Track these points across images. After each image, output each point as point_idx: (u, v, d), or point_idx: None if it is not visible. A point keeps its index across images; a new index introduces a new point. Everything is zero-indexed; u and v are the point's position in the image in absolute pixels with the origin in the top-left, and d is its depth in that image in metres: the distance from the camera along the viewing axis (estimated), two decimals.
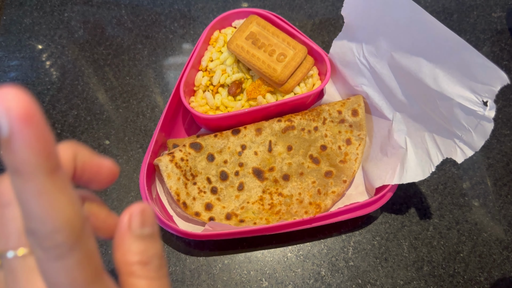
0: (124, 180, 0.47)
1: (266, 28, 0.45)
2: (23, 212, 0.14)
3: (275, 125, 0.45)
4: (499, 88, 0.30)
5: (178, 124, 0.49)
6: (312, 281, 0.43)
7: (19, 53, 0.56)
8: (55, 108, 0.52)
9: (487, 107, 0.32)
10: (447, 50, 0.33)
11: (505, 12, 0.59)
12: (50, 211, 0.13)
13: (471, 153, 0.35)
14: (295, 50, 0.44)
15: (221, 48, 0.47)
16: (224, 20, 0.48)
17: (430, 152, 0.38)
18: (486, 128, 0.33)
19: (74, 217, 0.14)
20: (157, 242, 0.19)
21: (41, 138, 0.13)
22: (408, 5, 0.35)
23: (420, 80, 0.37)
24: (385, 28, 0.39)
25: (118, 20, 0.58)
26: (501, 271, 0.43)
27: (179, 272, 0.43)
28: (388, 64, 0.41)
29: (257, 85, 0.45)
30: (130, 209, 0.17)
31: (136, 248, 0.17)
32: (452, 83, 0.34)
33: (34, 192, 0.13)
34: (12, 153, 0.13)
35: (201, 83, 0.47)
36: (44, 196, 0.13)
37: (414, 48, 0.36)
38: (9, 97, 0.12)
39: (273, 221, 0.42)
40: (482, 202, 0.47)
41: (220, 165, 0.44)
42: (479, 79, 0.32)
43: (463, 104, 0.33)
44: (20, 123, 0.12)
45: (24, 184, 0.13)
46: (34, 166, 0.13)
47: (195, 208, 0.42)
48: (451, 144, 0.36)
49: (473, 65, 0.31)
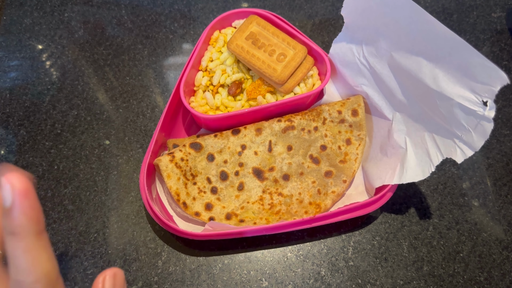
0: (124, 180, 0.47)
1: (266, 28, 0.45)
2: (12, 266, 0.18)
3: (275, 125, 0.45)
4: (499, 88, 0.30)
5: (178, 124, 0.49)
6: (312, 281, 0.43)
7: (19, 53, 0.56)
8: (55, 108, 0.52)
9: (487, 107, 0.32)
10: (446, 50, 0.33)
11: (505, 12, 0.59)
12: (34, 265, 0.18)
13: (471, 153, 0.35)
14: (295, 50, 0.44)
15: (221, 48, 0.47)
16: (224, 20, 0.48)
17: (430, 152, 0.38)
18: (486, 128, 0.33)
19: (52, 271, 0.18)
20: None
21: (34, 208, 0.18)
22: (407, 5, 0.35)
23: (420, 80, 0.37)
24: (385, 28, 0.39)
25: (118, 20, 0.58)
26: (501, 271, 0.43)
27: (179, 272, 0.43)
28: (388, 64, 0.41)
29: (257, 85, 0.45)
30: (104, 273, 0.21)
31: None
32: (452, 83, 0.34)
33: (24, 249, 0.18)
34: (11, 219, 0.17)
35: (201, 83, 0.47)
36: (31, 253, 0.18)
37: (414, 48, 0.36)
38: (13, 178, 0.17)
39: (273, 221, 0.42)
40: (482, 202, 0.47)
41: (220, 165, 0.44)
42: (479, 79, 0.32)
43: (463, 104, 0.33)
44: (20, 196, 0.17)
45: (17, 243, 0.18)
46: (27, 229, 0.18)
47: (195, 208, 0.42)
48: (451, 144, 0.36)
49: (473, 65, 0.31)
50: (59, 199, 0.46)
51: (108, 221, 0.45)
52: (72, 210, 0.46)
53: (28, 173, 0.18)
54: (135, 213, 0.46)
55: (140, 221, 0.45)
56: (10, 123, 0.51)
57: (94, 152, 0.49)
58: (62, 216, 0.46)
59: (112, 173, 0.48)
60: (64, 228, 0.45)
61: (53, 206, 0.46)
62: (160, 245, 0.44)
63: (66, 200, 0.46)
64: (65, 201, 0.46)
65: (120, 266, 0.43)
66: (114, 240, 0.44)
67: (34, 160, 0.48)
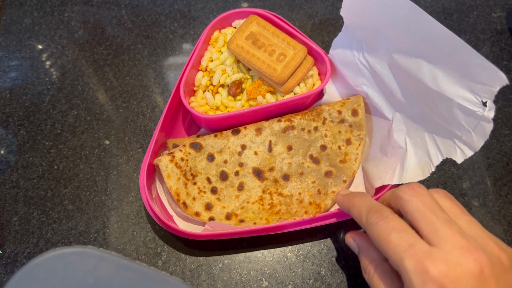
0: (124, 180, 0.47)
1: (266, 28, 0.45)
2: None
3: (275, 125, 0.45)
4: (498, 88, 0.30)
5: (178, 124, 0.49)
6: (312, 281, 0.43)
7: (19, 53, 0.56)
8: (55, 108, 0.52)
9: (487, 108, 0.32)
10: (446, 51, 0.33)
11: (505, 12, 0.59)
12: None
13: (471, 153, 0.35)
14: (295, 50, 0.44)
15: (221, 48, 0.47)
16: (224, 20, 0.48)
17: (430, 152, 0.38)
18: (486, 129, 0.33)
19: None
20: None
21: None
22: (406, 5, 0.35)
23: (419, 80, 0.37)
24: (385, 28, 0.39)
25: (118, 20, 0.58)
26: None
27: (179, 272, 0.43)
28: (388, 64, 0.41)
29: (257, 85, 0.45)
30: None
31: None
32: (452, 84, 0.34)
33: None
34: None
35: (201, 83, 0.47)
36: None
37: (413, 48, 0.36)
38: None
39: (273, 221, 0.42)
40: (482, 202, 0.47)
41: (220, 165, 0.44)
42: (478, 79, 0.32)
43: (462, 104, 0.33)
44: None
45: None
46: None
47: (195, 208, 0.42)
48: (451, 144, 0.36)
49: (472, 65, 0.31)
50: (59, 199, 0.46)
51: (108, 221, 0.45)
52: (72, 210, 0.46)
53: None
54: (135, 213, 0.46)
55: (140, 221, 0.45)
56: (10, 123, 0.51)
57: (94, 152, 0.49)
58: (62, 216, 0.46)
59: (112, 173, 0.48)
60: (64, 228, 0.45)
61: (53, 206, 0.46)
62: (160, 245, 0.44)
63: (66, 200, 0.46)
64: (65, 201, 0.46)
65: None
66: (114, 240, 0.44)
67: (34, 160, 0.48)
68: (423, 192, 0.30)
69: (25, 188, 0.47)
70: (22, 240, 0.44)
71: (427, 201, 0.29)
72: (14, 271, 0.43)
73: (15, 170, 0.48)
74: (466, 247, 0.26)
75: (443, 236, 0.27)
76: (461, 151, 0.35)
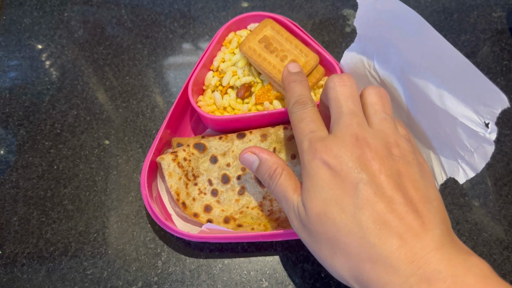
0: (124, 180, 0.47)
1: (280, 33, 0.45)
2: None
3: (280, 132, 0.45)
4: (499, 110, 0.30)
5: (184, 122, 0.49)
6: (312, 281, 0.43)
7: (19, 53, 0.56)
8: (55, 108, 0.52)
9: (488, 129, 0.32)
10: (451, 68, 0.33)
11: (505, 12, 0.59)
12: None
13: (472, 175, 0.34)
14: (307, 57, 0.44)
15: (234, 49, 0.47)
16: (240, 22, 0.48)
17: (435, 170, 0.38)
18: (487, 151, 0.32)
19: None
20: None
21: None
22: (416, 20, 0.34)
23: (427, 97, 0.36)
24: (395, 41, 0.38)
25: (118, 20, 0.58)
26: (501, 271, 0.43)
27: (179, 272, 0.43)
28: (397, 78, 0.40)
29: (266, 90, 0.45)
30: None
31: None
32: (457, 102, 0.33)
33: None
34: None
35: (210, 82, 0.47)
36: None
37: (422, 63, 0.36)
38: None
39: (271, 228, 0.41)
40: (482, 202, 0.46)
41: (222, 167, 0.44)
42: (482, 100, 0.31)
43: (466, 124, 0.33)
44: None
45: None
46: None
47: (194, 209, 0.42)
48: (455, 165, 0.36)
49: (476, 85, 0.31)
50: (59, 199, 0.46)
51: (108, 221, 0.45)
52: (71, 210, 0.46)
53: None
54: (135, 213, 0.46)
55: (140, 221, 0.45)
56: (10, 123, 0.51)
57: (93, 152, 0.49)
58: (62, 216, 0.45)
59: (112, 173, 0.48)
60: (64, 228, 0.45)
61: (53, 206, 0.46)
62: (160, 245, 0.44)
63: (66, 200, 0.46)
64: (64, 201, 0.46)
65: (120, 266, 0.43)
66: (114, 240, 0.44)
67: (33, 160, 0.48)
68: (348, 83, 0.31)
69: (24, 188, 0.47)
70: (22, 240, 0.44)
71: (346, 91, 0.31)
72: (14, 271, 0.43)
73: (15, 170, 0.48)
74: (357, 136, 0.28)
75: (342, 125, 0.29)
76: (463, 171, 0.35)
